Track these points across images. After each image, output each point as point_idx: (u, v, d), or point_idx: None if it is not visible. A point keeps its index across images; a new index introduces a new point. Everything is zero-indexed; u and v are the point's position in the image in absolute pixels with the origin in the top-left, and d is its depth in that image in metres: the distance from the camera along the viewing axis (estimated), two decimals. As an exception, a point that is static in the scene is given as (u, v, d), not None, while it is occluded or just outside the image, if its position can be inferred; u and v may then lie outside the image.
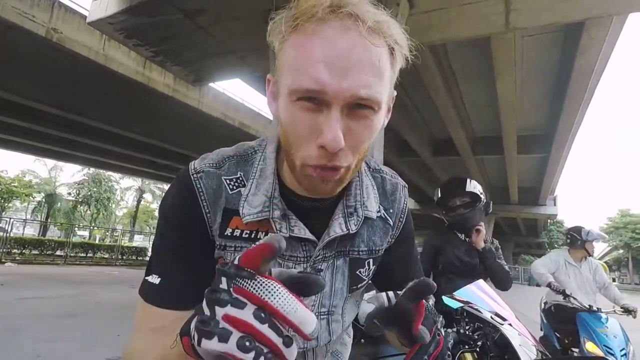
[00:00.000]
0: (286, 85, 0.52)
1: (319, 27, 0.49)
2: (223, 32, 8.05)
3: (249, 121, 14.80)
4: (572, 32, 8.37)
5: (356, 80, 0.48)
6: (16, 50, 9.28)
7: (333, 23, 0.49)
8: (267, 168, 0.63)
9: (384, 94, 0.52)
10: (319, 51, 0.48)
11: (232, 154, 0.66)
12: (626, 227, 51.72)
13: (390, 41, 0.52)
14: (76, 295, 8.21)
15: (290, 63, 0.51)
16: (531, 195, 23.07)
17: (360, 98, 0.49)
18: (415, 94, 11.81)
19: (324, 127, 0.49)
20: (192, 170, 0.63)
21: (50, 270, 13.20)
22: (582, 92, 10.25)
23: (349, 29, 0.49)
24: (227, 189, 0.62)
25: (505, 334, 1.50)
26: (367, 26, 0.49)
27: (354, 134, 0.51)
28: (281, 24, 0.52)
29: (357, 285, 0.71)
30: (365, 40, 0.49)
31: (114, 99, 12.06)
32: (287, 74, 0.52)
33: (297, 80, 0.50)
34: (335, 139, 0.48)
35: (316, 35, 0.49)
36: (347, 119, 0.51)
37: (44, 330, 5.01)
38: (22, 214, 36.28)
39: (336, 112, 0.49)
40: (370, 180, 0.71)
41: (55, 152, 18.68)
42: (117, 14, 7.68)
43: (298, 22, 0.50)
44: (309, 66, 0.49)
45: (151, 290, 0.59)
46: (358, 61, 0.48)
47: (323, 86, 0.48)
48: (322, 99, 0.49)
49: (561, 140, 13.84)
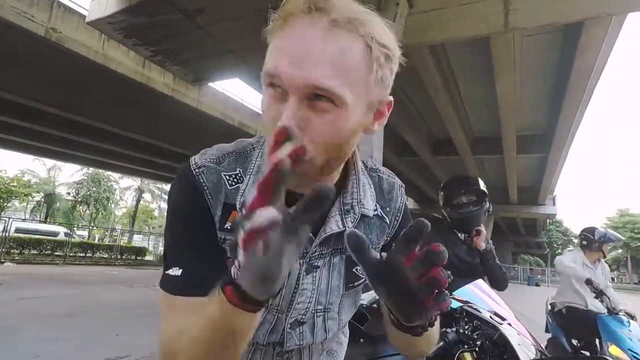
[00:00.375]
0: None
1: (293, 22, 0.52)
2: (222, 31, 8.05)
3: (248, 120, 14.80)
4: (572, 32, 8.38)
5: (312, 70, 0.49)
6: (15, 50, 9.27)
7: (305, 17, 0.51)
8: (264, 164, 0.64)
9: (349, 90, 0.51)
10: (286, 42, 0.52)
11: (232, 150, 0.67)
12: (625, 226, 51.81)
13: (366, 38, 0.52)
14: (75, 295, 8.20)
15: (267, 54, 0.55)
16: (530, 195, 23.10)
17: (315, 87, 0.49)
18: (414, 93, 11.81)
19: (282, 114, 0.50)
20: (194, 165, 0.64)
21: (49, 270, 13.19)
22: (581, 91, 10.26)
23: (316, 22, 0.50)
24: (227, 185, 0.63)
25: (505, 333, 1.50)
26: (333, 19, 0.50)
27: (312, 126, 0.51)
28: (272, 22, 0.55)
29: (353, 283, 0.72)
30: (329, 34, 0.50)
31: (113, 98, 12.05)
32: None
33: (265, 65, 0.53)
34: (286, 119, 0.49)
35: (289, 30, 0.52)
36: (308, 110, 0.51)
37: (43, 330, 5.00)
38: (21, 213, 36.23)
39: (293, 101, 0.50)
40: (367, 179, 0.72)
41: (54, 151, 18.67)
42: (116, 14, 7.68)
43: (281, 21, 0.53)
44: (274, 53, 0.52)
45: (175, 282, 0.60)
46: (318, 53, 0.49)
47: (279, 72, 0.50)
48: (282, 87, 0.51)
49: (560, 140, 13.86)
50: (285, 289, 0.65)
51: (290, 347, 0.69)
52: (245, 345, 0.52)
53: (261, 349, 0.70)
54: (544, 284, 36.02)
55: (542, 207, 24.65)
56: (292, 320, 0.68)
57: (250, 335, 0.52)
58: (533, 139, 14.93)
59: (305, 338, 0.69)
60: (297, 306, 0.67)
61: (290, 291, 0.65)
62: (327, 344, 0.77)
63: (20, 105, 11.60)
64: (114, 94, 11.82)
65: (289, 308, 0.66)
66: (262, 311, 0.49)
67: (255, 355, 0.71)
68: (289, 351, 0.71)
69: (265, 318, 0.66)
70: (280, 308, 0.66)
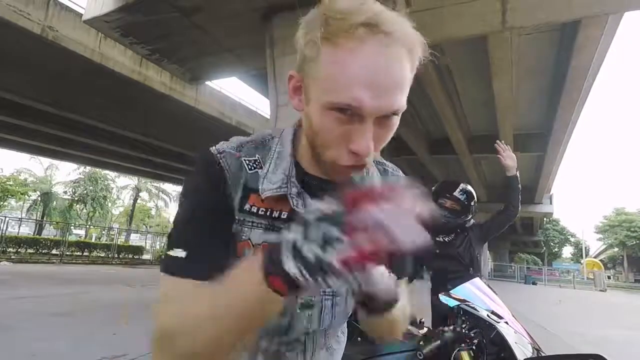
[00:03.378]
0: (323, 97, 0.55)
1: (357, 45, 0.52)
2: (219, 30, 8.02)
3: (246, 119, 14.79)
4: (569, 31, 8.40)
5: (392, 99, 0.54)
6: (11, 48, 9.23)
7: (371, 41, 0.52)
8: (284, 151, 0.68)
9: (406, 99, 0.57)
10: (359, 70, 0.52)
11: (250, 140, 0.71)
12: (621, 225, 52.03)
13: (415, 51, 0.56)
14: (72, 294, 8.19)
15: (328, 77, 0.54)
16: (527, 193, 23.16)
17: (392, 112, 0.55)
18: (412, 92, 11.63)
19: (357, 136, 0.54)
20: (215, 150, 0.67)
21: (46, 269, 13.16)
22: (578, 90, 10.30)
23: (387, 46, 0.52)
24: (246, 169, 0.66)
25: (502, 332, 1.51)
26: (401, 42, 0.53)
27: (380, 138, 0.57)
28: (313, 28, 0.56)
29: None
30: (399, 57, 0.53)
31: (111, 97, 12.02)
32: (323, 85, 0.55)
33: (336, 96, 0.53)
34: (369, 148, 0.54)
35: (355, 54, 0.52)
36: (377, 127, 0.55)
37: (39, 329, 4.99)
38: (17, 212, 36.05)
39: (370, 125, 0.54)
40: (375, 170, 0.77)
41: (51, 150, 18.60)
42: (112, 12, 7.64)
43: (333, 37, 0.53)
44: (350, 85, 0.52)
45: (178, 263, 0.59)
46: (392, 79, 0.53)
47: (362, 104, 0.52)
48: (357, 112, 0.53)
49: (557, 139, 13.91)
50: None
51: (296, 334, 0.71)
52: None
53: (267, 337, 0.71)
54: (541, 282, 36.17)
55: (539, 205, 24.73)
56: (302, 301, 0.69)
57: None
58: (530, 137, 14.98)
59: (312, 322, 0.71)
60: None
61: None
62: (328, 338, 0.78)
63: (16, 104, 11.55)
64: (111, 93, 11.79)
65: None
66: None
67: (262, 344, 0.71)
68: (293, 341, 0.72)
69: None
70: None
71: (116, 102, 12.30)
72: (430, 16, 6.75)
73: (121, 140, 15.35)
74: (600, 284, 35.22)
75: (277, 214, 0.66)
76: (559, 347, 6.44)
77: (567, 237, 63.35)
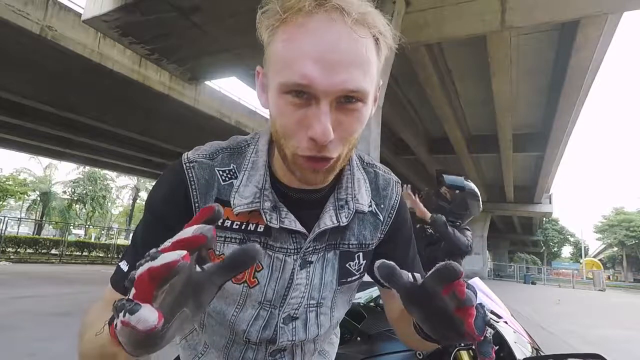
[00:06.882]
0: (275, 79, 0.52)
1: (306, 20, 0.49)
2: (218, 29, 8.03)
3: (245, 119, 14.79)
4: (568, 31, 8.41)
5: (344, 75, 0.49)
6: (10, 47, 9.21)
7: (319, 16, 0.49)
8: (259, 160, 0.64)
9: (371, 85, 0.52)
10: (307, 45, 0.49)
11: (226, 146, 0.66)
12: (620, 224, 52.02)
13: (374, 31, 0.52)
14: (71, 293, 8.17)
15: (278, 56, 0.51)
16: (527, 193, 23.20)
17: (350, 91, 0.50)
18: (411, 92, 11.84)
19: (313, 121, 0.50)
20: (185, 160, 0.63)
21: (45, 269, 13.13)
22: (577, 90, 10.31)
23: (335, 21, 0.49)
24: (220, 180, 0.63)
25: (501, 331, 1.51)
26: (353, 18, 0.49)
27: (343, 126, 0.52)
28: (269, 16, 0.52)
29: (346, 278, 0.71)
30: (351, 32, 0.49)
31: (110, 97, 12.00)
32: (275, 67, 0.52)
33: (286, 75, 0.50)
34: (325, 133, 0.49)
35: (303, 28, 0.49)
36: (337, 112, 0.51)
37: (38, 328, 4.99)
38: (16, 212, 36.01)
39: (325, 106, 0.49)
40: (362, 174, 0.71)
41: (50, 150, 18.59)
42: (112, 12, 7.65)
43: (286, 15, 0.50)
44: (297, 61, 0.49)
45: (117, 276, 0.61)
46: (346, 54, 0.49)
47: (312, 81, 0.48)
48: (310, 93, 0.49)
49: (556, 139, 13.92)
50: (279, 284, 0.65)
51: (282, 344, 0.68)
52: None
53: (253, 347, 0.69)
54: (540, 282, 36.19)
55: (539, 205, 24.75)
56: (285, 315, 0.67)
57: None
58: (529, 137, 14.99)
59: (297, 334, 0.69)
60: (290, 301, 0.66)
61: (284, 286, 0.65)
62: (319, 343, 0.77)
63: (15, 104, 11.55)
64: (110, 93, 11.78)
65: (282, 303, 0.66)
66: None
67: (247, 354, 0.70)
68: (281, 350, 0.71)
69: (258, 313, 0.66)
70: (273, 303, 0.66)
71: (115, 101, 12.28)
72: (430, 16, 6.75)
73: (120, 140, 15.35)
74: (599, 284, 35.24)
75: (253, 227, 0.62)
76: (558, 346, 6.44)
77: (566, 236, 63.34)
